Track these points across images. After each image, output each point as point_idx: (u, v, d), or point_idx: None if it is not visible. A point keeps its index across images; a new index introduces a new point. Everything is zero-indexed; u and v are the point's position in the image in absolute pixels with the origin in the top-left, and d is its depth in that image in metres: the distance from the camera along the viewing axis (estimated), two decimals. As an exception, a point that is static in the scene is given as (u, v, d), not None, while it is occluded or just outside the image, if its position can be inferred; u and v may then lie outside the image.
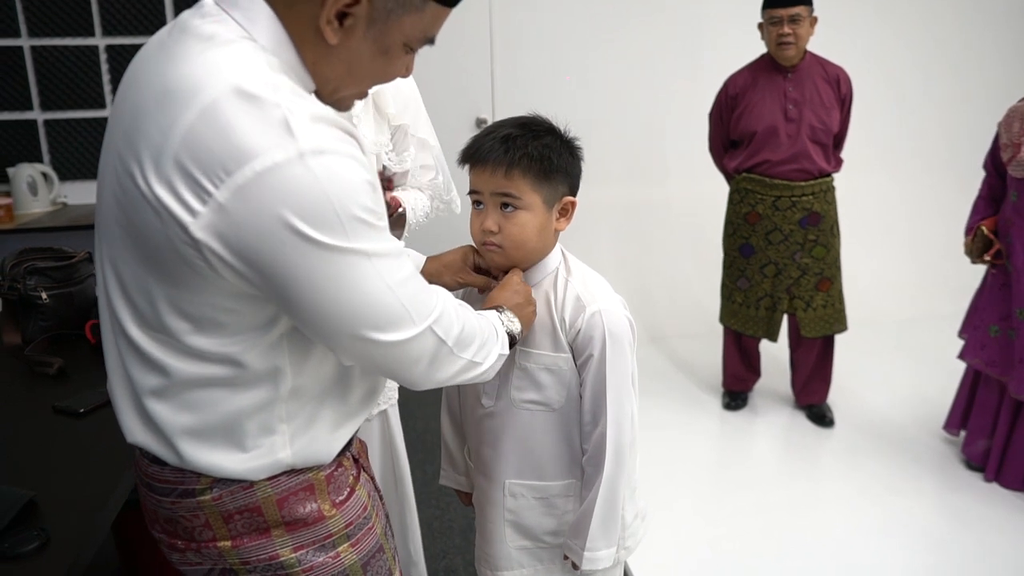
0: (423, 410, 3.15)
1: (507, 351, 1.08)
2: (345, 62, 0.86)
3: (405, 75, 0.92)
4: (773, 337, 3.07)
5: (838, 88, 2.88)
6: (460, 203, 1.83)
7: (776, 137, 2.85)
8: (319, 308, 0.81)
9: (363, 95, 0.94)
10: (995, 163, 2.56)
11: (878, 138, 4.17)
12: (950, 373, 3.00)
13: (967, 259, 2.65)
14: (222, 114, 0.74)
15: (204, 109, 0.74)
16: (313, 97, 0.84)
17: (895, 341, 3.86)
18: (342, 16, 0.81)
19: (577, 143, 1.24)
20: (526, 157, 1.15)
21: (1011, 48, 4.35)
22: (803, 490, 2.65)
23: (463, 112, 3.92)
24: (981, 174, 2.65)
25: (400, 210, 1.64)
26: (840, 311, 3.02)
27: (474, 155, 1.19)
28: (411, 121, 1.70)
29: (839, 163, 2.96)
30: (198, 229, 0.76)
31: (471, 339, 0.98)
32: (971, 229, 2.63)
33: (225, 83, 0.75)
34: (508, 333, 1.09)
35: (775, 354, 3.42)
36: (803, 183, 2.86)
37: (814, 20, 2.80)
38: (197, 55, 0.78)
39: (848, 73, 2.91)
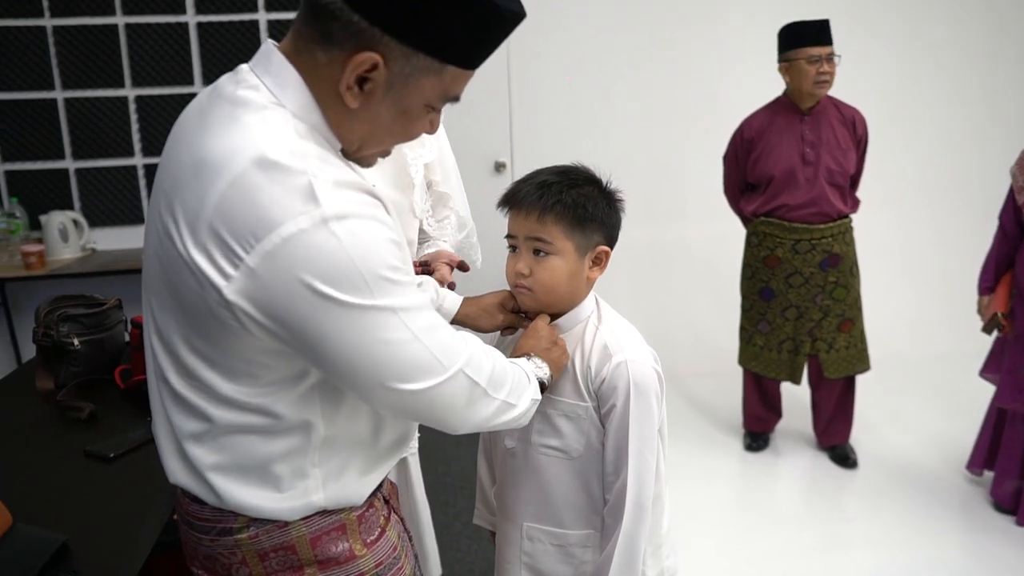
0: (445, 453, 3.15)
1: (539, 396, 1.10)
2: (366, 123, 0.89)
3: (430, 131, 0.95)
4: (796, 379, 3.04)
5: (854, 130, 2.89)
6: (481, 261, 1.87)
7: (794, 181, 2.85)
8: (350, 363, 0.84)
9: (387, 153, 0.97)
10: (1015, 209, 2.55)
11: (894, 176, 4.19)
12: (973, 412, 2.97)
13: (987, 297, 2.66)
14: (251, 183, 0.79)
15: (235, 179, 0.79)
16: (339, 160, 0.88)
17: (916, 380, 3.82)
18: (361, 81, 0.84)
19: (619, 195, 1.26)
20: (559, 204, 1.18)
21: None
22: (827, 532, 2.62)
23: (482, 156, 3.99)
24: (999, 210, 2.65)
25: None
26: (863, 351, 3.00)
27: (510, 199, 1.23)
28: (451, 191, 1.74)
29: (856, 204, 2.97)
30: (231, 292, 0.80)
31: (503, 380, 1.00)
32: (985, 289, 2.65)
33: (254, 153, 0.80)
34: (538, 380, 1.12)
35: (796, 394, 3.40)
36: (822, 226, 2.86)
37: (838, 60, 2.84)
38: (230, 124, 0.83)
39: (864, 114, 2.93)
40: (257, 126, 0.82)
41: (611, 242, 1.26)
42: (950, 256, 4.22)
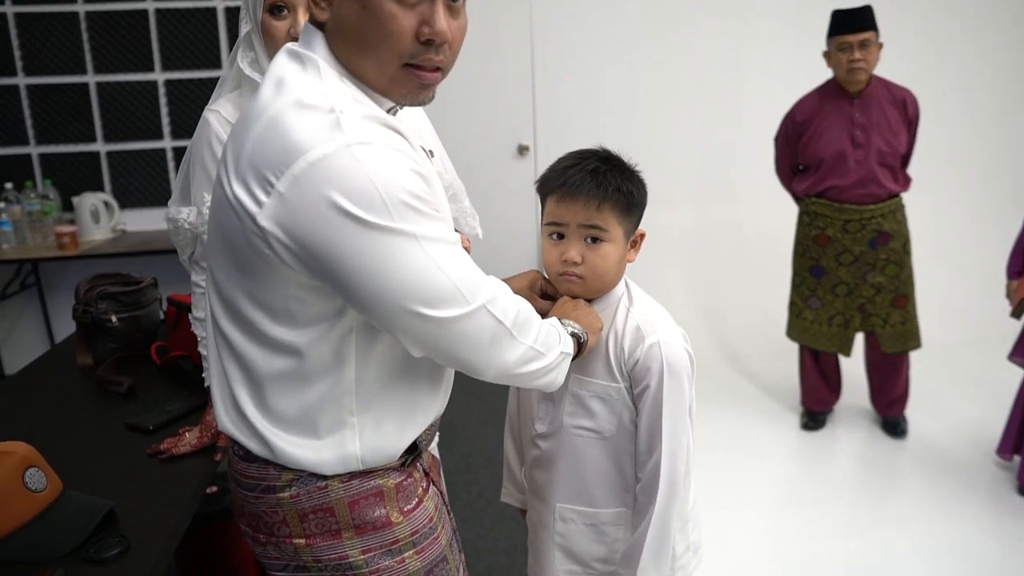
0: (468, 432, 3.19)
1: (570, 351, 1.09)
2: (343, 36, 0.92)
3: (425, 27, 0.88)
4: (847, 351, 3.09)
5: (905, 110, 2.92)
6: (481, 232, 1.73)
7: (844, 163, 2.89)
8: (370, 286, 0.86)
9: (391, 74, 0.91)
10: None
11: (925, 161, 4.12)
12: (1002, 397, 2.95)
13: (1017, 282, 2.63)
14: (284, 120, 0.86)
15: (271, 119, 0.87)
16: (375, 105, 0.92)
17: (946, 364, 3.79)
18: None
19: (642, 176, 1.26)
20: (617, 192, 1.18)
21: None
22: (853, 513, 2.63)
23: (505, 139, 4.00)
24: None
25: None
26: (916, 328, 3.06)
27: (563, 186, 1.19)
28: (443, 169, 1.61)
29: (907, 182, 2.99)
30: (263, 218, 0.85)
31: (529, 324, 1.00)
32: (1014, 273, 2.64)
33: (289, 98, 0.87)
34: (572, 334, 1.12)
35: (854, 374, 3.38)
36: (872, 206, 2.91)
37: (880, 46, 2.85)
38: (274, 84, 0.91)
39: (915, 95, 2.95)
40: (296, 79, 0.90)
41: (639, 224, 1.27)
42: (980, 240, 4.17)
